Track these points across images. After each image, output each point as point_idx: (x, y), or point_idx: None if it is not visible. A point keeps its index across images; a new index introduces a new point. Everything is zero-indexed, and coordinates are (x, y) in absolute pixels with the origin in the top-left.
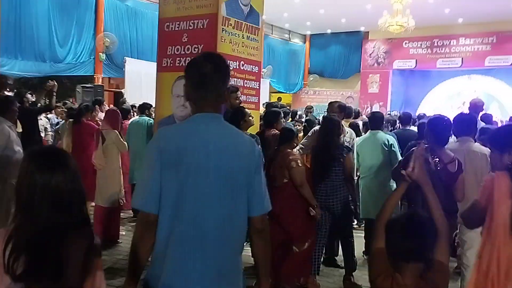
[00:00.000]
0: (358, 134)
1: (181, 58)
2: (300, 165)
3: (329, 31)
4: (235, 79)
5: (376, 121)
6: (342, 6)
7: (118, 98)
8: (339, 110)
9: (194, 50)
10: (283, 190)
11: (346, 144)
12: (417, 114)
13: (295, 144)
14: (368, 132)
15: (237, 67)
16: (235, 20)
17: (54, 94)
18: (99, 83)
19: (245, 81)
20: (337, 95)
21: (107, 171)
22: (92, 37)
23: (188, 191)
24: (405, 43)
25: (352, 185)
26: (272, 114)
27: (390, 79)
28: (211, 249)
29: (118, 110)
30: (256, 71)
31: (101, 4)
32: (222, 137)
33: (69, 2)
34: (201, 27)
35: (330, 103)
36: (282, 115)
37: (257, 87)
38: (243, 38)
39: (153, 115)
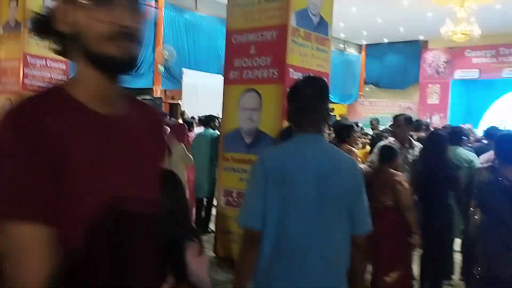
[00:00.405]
0: None
1: (249, 71)
2: (407, 187)
3: (386, 40)
4: None
5: (456, 136)
6: (400, 14)
7: (173, 109)
8: (405, 123)
9: (262, 62)
10: (385, 214)
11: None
12: (480, 126)
13: (399, 163)
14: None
15: None
16: (304, 31)
17: None
18: (157, 95)
19: None
20: (395, 106)
21: None
22: (152, 50)
23: (292, 210)
24: (468, 52)
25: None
26: (345, 129)
27: (450, 89)
28: (314, 269)
29: (184, 124)
30: None
31: (160, 17)
32: (325, 158)
33: None
34: (270, 38)
35: (396, 116)
36: (355, 129)
37: None
38: (312, 49)
39: (217, 127)
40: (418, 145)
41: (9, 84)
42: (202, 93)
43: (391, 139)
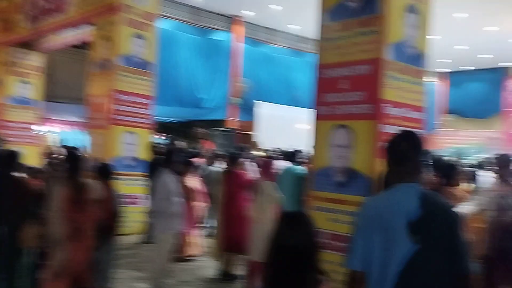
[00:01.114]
0: None
1: (340, 106)
2: None
3: (466, 68)
4: (399, 127)
5: None
6: (483, 42)
7: (246, 140)
8: (505, 164)
9: (355, 97)
10: None
11: None
12: None
13: None
14: None
15: (402, 115)
16: (399, 64)
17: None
18: (231, 127)
19: (409, 129)
20: (476, 136)
21: (262, 225)
22: (227, 83)
23: (392, 254)
24: None
25: None
26: (449, 168)
27: None
28: None
29: (271, 160)
30: (418, 118)
31: (238, 50)
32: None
33: (208, 49)
34: (363, 72)
35: (498, 156)
36: (458, 169)
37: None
38: (407, 82)
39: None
40: None
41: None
42: (274, 124)
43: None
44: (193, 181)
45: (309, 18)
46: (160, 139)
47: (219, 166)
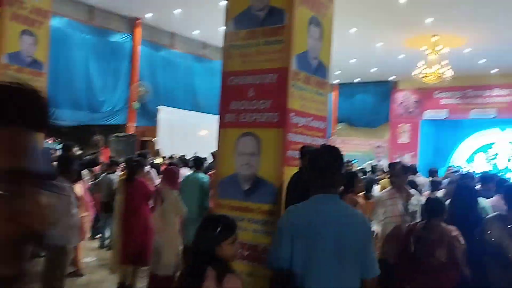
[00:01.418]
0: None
1: (246, 114)
2: (463, 242)
3: (358, 80)
4: (304, 136)
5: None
6: (373, 56)
7: (146, 147)
8: (402, 172)
9: (261, 106)
10: (439, 271)
11: (413, 209)
12: (450, 165)
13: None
14: None
15: (306, 124)
16: (304, 74)
17: (99, 148)
18: (131, 132)
19: (313, 138)
20: (366, 144)
21: (166, 236)
22: (127, 86)
23: (313, 258)
24: (436, 93)
25: None
26: (349, 177)
27: (420, 129)
28: None
29: (176, 169)
30: (323, 127)
31: (136, 54)
32: (339, 213)
33: (107, 51)
34: (270, 81)
35: (391, 164)
36: (360, 177)
37: None
38: (312, 92)
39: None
40: (415, 194)
41: None
42: (177, 131)
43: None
44: (79, 189)
45: (211, 24)
46: (53, 144)
47: (116, 174)
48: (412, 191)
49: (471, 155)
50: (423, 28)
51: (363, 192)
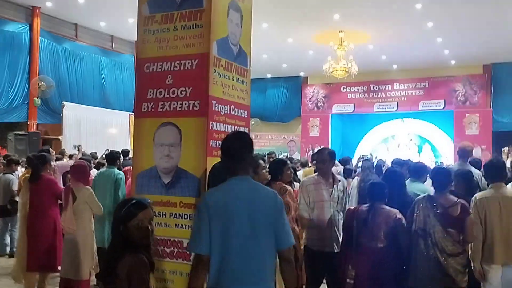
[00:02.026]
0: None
1: (165, 102)
2: (405, 225)
3: (269, 75)
4: (226, 125)
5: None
6: (284, 52)
7: (51, 144)
8: (329, 158)
9: (181, 93)
10: (382, 254)
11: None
12: (355, 156)
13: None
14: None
15: (228, 112)
16: (225, 61)
17: None
18: (32, 130)
19: (235, 127)
20: (279, 139)
21: (79, 236)
22: (26, 81)
23: (231, 236)
24: (343, 88)
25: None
26: (277, 166)
27: (330, 122)
28: (251, 280)
29: (87, 164)
30: (245, 116)
31: (35, 45)
32: (252, 193)
33: (2, 42)
34: (189, 68)
35: (320, 151)
36: (289, 165)
37: None
38: (233, 80)
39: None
40: (341, 179)
41: None
42: (85, 128)
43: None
44: None
45: (119, 15)
46: None
47: (16, 174)
48: (338, 177)
49: (375, 146)
50: (330, 24)
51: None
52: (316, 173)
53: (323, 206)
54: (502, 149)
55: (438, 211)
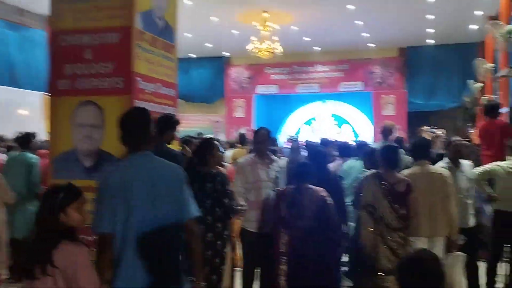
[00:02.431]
0: None
1: (84, 79)
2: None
3: (193, 55)
4: (152, 104)
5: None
6: (208, 31)
7: None
8: (267, 138)
9: (102, 69)
10: (307, 233)
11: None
12: (279, 138)
13: None
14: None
15: (155, 90)
16: (150, 36)
17: None
18: None
19: (163, 106)
20: (204, 119)
21: None
22: None
23: (134, 212)
24: (267, 69)
25: None
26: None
27: (254, 104)
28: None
29: None
30: (173, 95)
31: None
32: (154, 168)
33: None
34: (111, 42)
35: (257, 131)
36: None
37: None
38: (159, 56)
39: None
40: (276, 159)
41: None
42: None
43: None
44: None
45: None
46: None
47: None
48: (274, 157)
49: (298, 128)
50: (254, 3)
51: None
52: (253, 154)
53: (261, 186)
54: (420, 128)
55: (385, 187)
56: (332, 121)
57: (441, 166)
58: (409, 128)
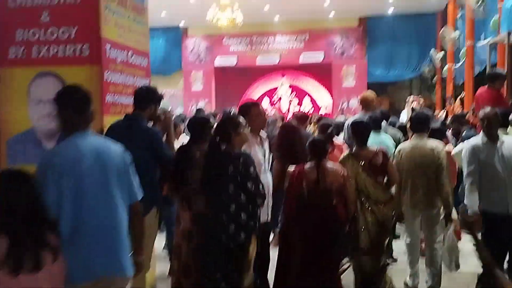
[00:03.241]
0: None
1: (41, 46)
2: None
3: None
4: (123, 75)
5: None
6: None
7: None
8: (259, 114)
9: (63, 35)
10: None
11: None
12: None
13: None
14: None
15: (126, 59)
16: None
17: None
18: None
19: (136, 77)
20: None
21: None
22: None
23: (83, 193)
24: (225, 39)
25: None
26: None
27: (213, 76)
28: (106, 235)
29: None
30: (145, 66)
31: None
32: (99, 148)
33: None
34: (73, 1)
35: (244, 105)
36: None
37: None
38: (129, 20)
39: None
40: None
41: None
42: None
43: None
44: None
45: None
46: None
47: None
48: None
49: (259, 100)
50: None
51: None
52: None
53: (260, 171)
54: (407, 99)
55: (363, 164)
56: (292, 93)
57: (474, 144)
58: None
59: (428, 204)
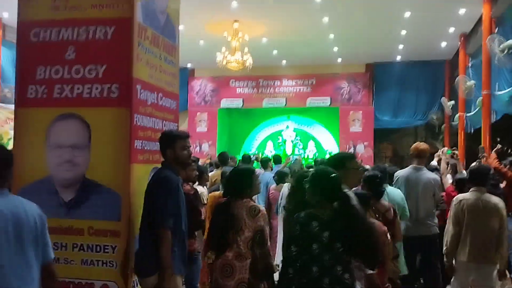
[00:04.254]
0: None
1: (64, 86)
2: None
3: None
4: (153, 119)
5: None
6: None
7: None
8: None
9: (90, 74)
10: None
11: None
12: (241, 153)
13: None
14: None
15: (156, 102)
16: (152, 32)
17: None
18: None
19: (165, 121)
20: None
21: None
22: None
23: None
24: (232, 82)
25: None
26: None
27: (218, 118)
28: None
29: None
30: (175, 108)
31: None
32: (15, 207)
33: None
34: (102, 37)
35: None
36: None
37: None
38: (161, 59)
39: None
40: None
41: None
42: None
43: None
44: None
45: None
46: None
47: None
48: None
49: (263, 143)
50: (227, 12)
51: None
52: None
53: None
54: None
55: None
56: (296, 137)
57: None
58: (376, 145)
59: (486, 258)
